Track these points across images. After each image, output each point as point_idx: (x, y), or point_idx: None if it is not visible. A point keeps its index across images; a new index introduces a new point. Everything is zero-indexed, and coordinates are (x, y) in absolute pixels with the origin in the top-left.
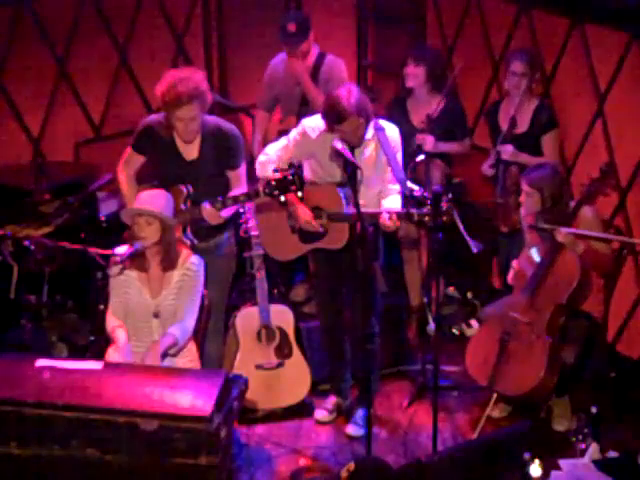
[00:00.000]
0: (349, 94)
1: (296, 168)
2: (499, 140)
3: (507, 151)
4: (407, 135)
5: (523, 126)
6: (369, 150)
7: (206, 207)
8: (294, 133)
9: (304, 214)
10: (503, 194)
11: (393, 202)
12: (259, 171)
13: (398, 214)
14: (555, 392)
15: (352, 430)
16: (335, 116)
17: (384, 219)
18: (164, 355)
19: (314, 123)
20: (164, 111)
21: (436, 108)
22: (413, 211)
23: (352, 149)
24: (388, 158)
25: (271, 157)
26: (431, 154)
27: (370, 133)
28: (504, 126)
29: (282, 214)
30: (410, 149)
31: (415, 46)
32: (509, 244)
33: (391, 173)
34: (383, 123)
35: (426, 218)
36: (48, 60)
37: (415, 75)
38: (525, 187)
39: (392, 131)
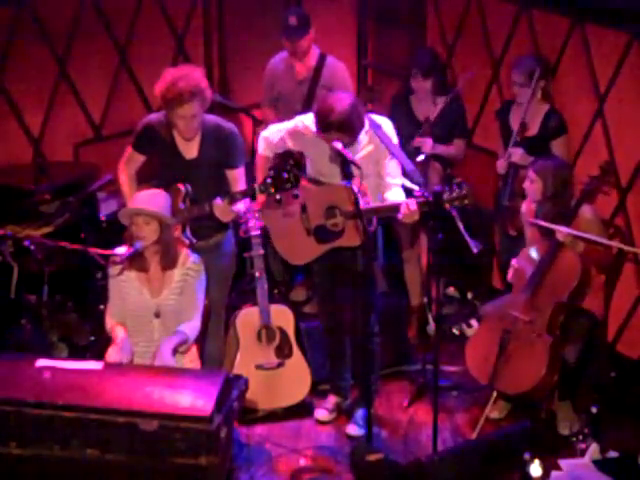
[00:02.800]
0: (341, 108)
1: (291, 166)
2: (510, 143)
3: (517, 153)
4: (412, 132)
5: (533, 130)
6: (363, 144)
7: (218, 203)
8: (290, 124)
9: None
10: (511, 197)
11: (398, 195)
12: (261, 149)
13: (419, 202)
14: (558, 396)
15: (352, 430)
16: (322, 125)
17: (405, 209)
18: (174, 352)
19: (308, 122)
20: (165, 109)
21: (435, 110)
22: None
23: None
24: (391, 152)
25: (273, 136)
26: (430, 156)
27: (365, 128)
28: (515, 127)
29: (295, 218)
30: (409, 149)
31: (419, 56)
32: (512, 244)
33: (387, 169)
34: (377, 119)
35: (454, 202)
36: (48, 60)
37: (422, 87)
38: (530, 174)
39: (386, 125)
